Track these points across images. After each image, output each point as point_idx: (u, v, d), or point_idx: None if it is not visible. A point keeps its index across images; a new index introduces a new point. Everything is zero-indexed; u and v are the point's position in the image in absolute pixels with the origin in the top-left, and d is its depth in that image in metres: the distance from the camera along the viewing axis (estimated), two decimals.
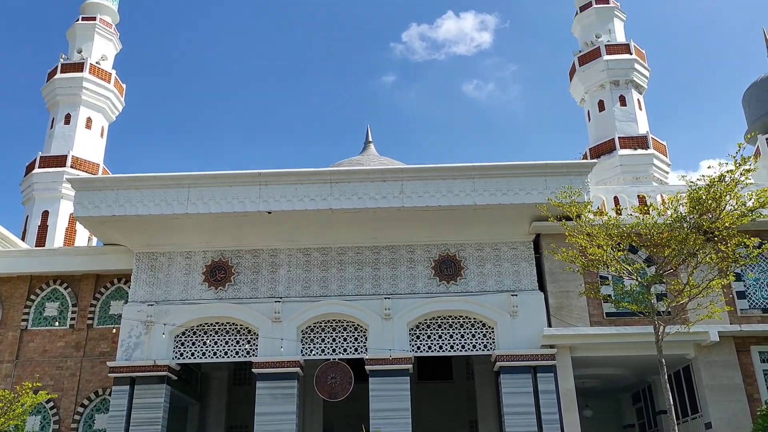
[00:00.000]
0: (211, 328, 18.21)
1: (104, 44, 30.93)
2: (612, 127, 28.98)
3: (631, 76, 29.75)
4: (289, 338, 17.49)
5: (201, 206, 17.51)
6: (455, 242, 18.52)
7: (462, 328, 17.98)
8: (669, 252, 13.90)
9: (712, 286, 13.71)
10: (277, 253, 18.69)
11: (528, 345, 17.29)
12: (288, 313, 17.86)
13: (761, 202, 13.43)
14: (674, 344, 16.04)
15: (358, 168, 19.97)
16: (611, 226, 14.36)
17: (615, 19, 31.85)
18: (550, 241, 17.62)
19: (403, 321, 17.69)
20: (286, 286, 18.33)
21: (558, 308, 17.65)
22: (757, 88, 29.39)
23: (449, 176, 17.52)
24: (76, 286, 19.58)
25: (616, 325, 17.24)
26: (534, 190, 17.37)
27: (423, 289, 18.17)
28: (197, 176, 17.73)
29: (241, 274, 18.51)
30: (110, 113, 30.15)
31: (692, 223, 13.79)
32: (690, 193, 13.84)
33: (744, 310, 17.55)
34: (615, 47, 30.31)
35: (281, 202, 17.49)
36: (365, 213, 17.60)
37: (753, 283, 17.92)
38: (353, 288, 18.26)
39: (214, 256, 18.69)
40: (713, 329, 16.49)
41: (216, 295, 18.30)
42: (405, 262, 18.46)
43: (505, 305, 17.71)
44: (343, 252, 18.64)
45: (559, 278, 17.77)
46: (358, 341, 17.96)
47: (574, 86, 31.40)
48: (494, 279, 18.19)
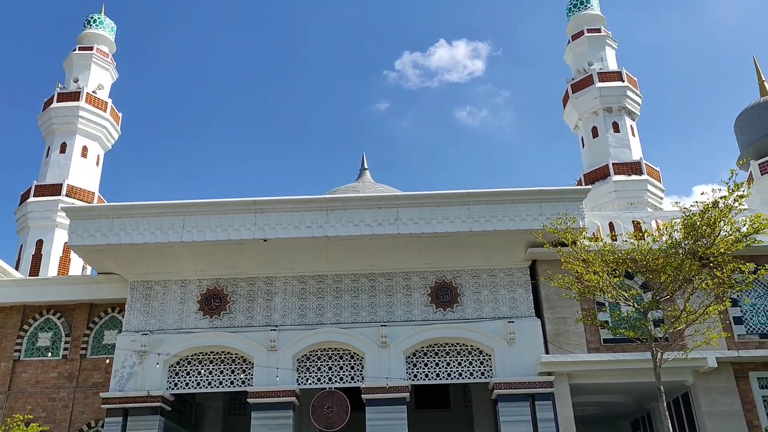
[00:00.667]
0: (206, 357, 18.04)
1: (101, 74, 31.14)
2: (606, 153, 29.19)
3: (623, 103, 30.06)
4: (284, 367, 17.32)
5: (196, 234, 17.48)
6: (451, 269, 18.49)
7: (459, 356, 17.86)
8: (665, 278, 13.91)
9: (708, 312, 13.71)
10: (273, 281, 18.61)
11: (526, 372, 17.16)
12: (284, 341, 17.72)
13: (755, 228, 13.50)
14: (673, 371, 15.95)
15: (353, 195, 20.01)
16: (607, 253, 14.38)
17: (606, 47, 32.28)
18: (546, 268, 17.61)
19: (400, 349, 17.56)
20: (281, 314, 18.22)
21: (555, 335, 17.57)
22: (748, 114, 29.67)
23: (445, 203, 17.56)
24: (70, 316, 19.42)
25: (613, 351, 17.16)
26: (529, 216, 17.41)
27: (419, 317, 18.08)
28: (192, 204, 17.72)
29: (236, 303, 18.40)
30: (106, 142, 30.24)
31: (687, 249, 13.83)
32: (684, 219, 13.90)
33: (741, 336, 17.50)
34: (607, 75, 30.66)
35: (277, 230, 17.47)
36: (361, 240, 17.59)
37: (750, 308, 17.91)
38: (349, 316, 18.16)
39: (209, 284, 18.60)
40: (711, 355, 16.43)
41: (211, 323, 18.17)
42: (401, 290, 18.40)
43: (502, 332, 17.62)
44: (339, 279, 18.58)
45: (556, 304, 17.72)
46: (354, 370, 17.80)
47: (568, 113, 31.69)
48: (491, 306, 18.12)
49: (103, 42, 32.04)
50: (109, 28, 32.62)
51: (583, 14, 33.20)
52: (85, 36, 31.95)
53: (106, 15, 33.01)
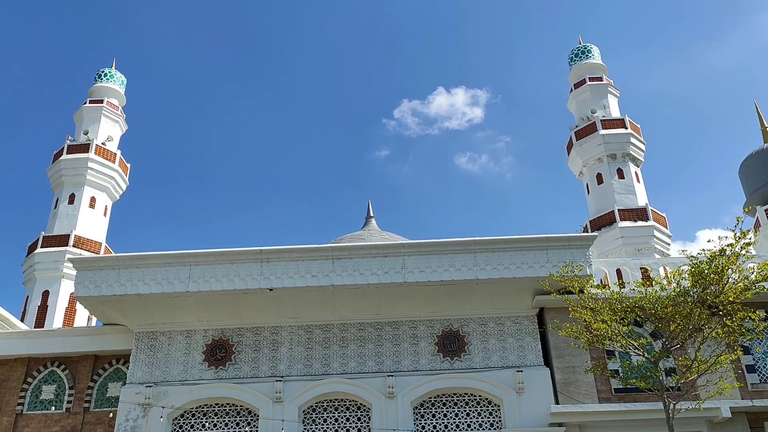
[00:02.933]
0: (211, 409, 17.78)
1: (110, 126, 31.67)
2: (611, 199, 29.24)
3: (627, 149, 30.27)
4: (290, 419, 17.05)
5: (202, 284, 17.47)
6: (458, 317, 18.35)
7: (467, 406, 17.56)
8: (675, 326, 13.76)
9: (720, 361, 13.50)
10: (279, 331, 18.49)
11: (535, 423, 16.81)
12: (289, 392, 17.49)
13: (764, 276, 13.41)
14: (686, 421, 15.62)
15: (359, 244, 20.02)
16: (615, 301, 14.27)
17: (609, 95, 32.70)
18: (554, 315, 17.45)
19: (407, 399, 17.29)
20: (287, 365, 18.03)
21: (565, 384, 17.28)
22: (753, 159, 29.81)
23: (450, 251, 17.55)
24: (74, 368, 19.25)
25: (625, 401, 16.83)
26: (536, 263, 17.35)
27: (427, 366, 17.85)
28: (198, 254, 17.77)
29: (241, 353, 18.24)
30: (114, 192, 30.54)
31: (696, 297, 13.71)
32: (692, 266, 13.82)
33: (755, 385, 17.16)
34: (610, 122, 30.97)
35: (283, 279, 17.46)
36: (367, 289, 17.53)
37: (762, 356, 17.62)
38: (356, 365, 17.95)
39: (214, 334, 18.48)
40: (725, 405, 16.10)
41: (216, 374, 17.98)
42: (408, 338, 18.23)
43: (510, 382, 17.35)
44: (346, 329, 18.44)
45: (565, 353, 17.49)
46: (361, 421, 17.50)
47: (572, 160, 31.90)
48: (499, 355, 17.90)
49: (113, 95, 32.70)
50: (119, 82, 33.33)
51: (585, 63, 33.76)
52: (96, 89, 32.63)
53: (117, 69, 33.78)
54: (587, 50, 34.44)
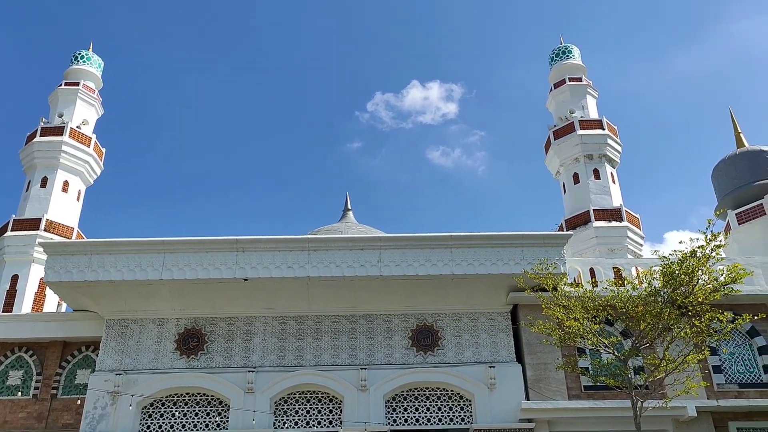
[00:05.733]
0: (181, 399, 17.64)
1: (86, 109, 31.13)
2: (587, 199, 29.53)
3: (604, 150, 30.57)
4: (261, 410, 16.99)
5: (176, 272, 17.31)
6: (433, 312, 18.42)
7: (439, 401, 17.66)
8: (644, 326, 13.98)
9: (688, 360, 13.74)
10: (252, 321, 18.39)
11: (506, 418, 16.98)
12: (261, 383, 17.42)
13: (733, 278, 13.67)
14: (653, 419, 15.87)
15: (336, 236, 19.98)
16: (587, 299, 14.44)
17: (588, 96, 32.97)
18: (527, 312, 17.61)
19: (380, 393, 17.33)
20: (260, 356, 17.96)
21: (536, 381, 17.46)
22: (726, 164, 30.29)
23: (427, 246, 17.60)
24: (42, 354, 18.96)
25: (594, 399, 17.06)
26: (511, 260, 17.48)
27: (400, 360, 17.91)
28: (173, 242, 17.58)
29: (214, 342, 18.12)
30: (88, 177, 30.05)
31: (666, 297, 13.94)
32: (663, 267, 14.04)
33: (721, 385, 17.51)
34: (588, 123, 31.23)
35: (258, 269, 17.36)
36: (343, 281, 17.52)
37: (728, 357, 17.97)
38: (329, 358, 17.94)
39: (187, 323, 18.33)
40: (691, 404, 16.40)
41: (188, 364, 17.84)
42: (382, 332, 18.26)
43: (482, 377, 17.48)
44: (320, 321, 18.42)
45: (537, 350, 17.66)
46: (333, 413, 17.50)
47: (550, 159, 32.13)
48: (472, 350, 18.02)
49: (89, 78, 32.12)
50: (96, 65, 32.74)
51: (565, 63, 34.00)
52: (72, 72, 32.01)
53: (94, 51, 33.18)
54: (568, 50, 34.68)
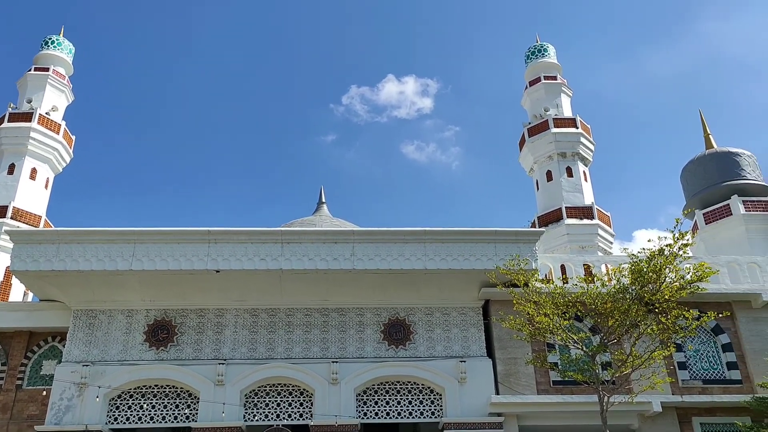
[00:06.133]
0: (150, 391, 17.46)
1: (56, 95, 30.49)
2: (559, 197, 29.85)
3: (577, 149, 30.91)
4: (231, 403, 16.88)
5: (147, 263, 17.09)
6: (405, 306, 18.48)
7: (410, 394, 17.73)
8: (613, 322, 14.19)
9: (654, 357, 14.00)
10: (224, 313, 18.26)
11: (475, 412, 17.12)
12: (232, 376, 17.31)
13: (699, 276, 13.95)
14: (619, 414, 16.14)
15: (309, 229, 19.91)
16: (557, 295, 14.61)
17: (562, 94, 33.28)
18: (498, 308, 17.75)
19: (351, 386, 17.34)
20: (231, 348, 17.84)
21: (506, 375, 17.63)
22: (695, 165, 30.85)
23: (400, 240, 17.63)
24: (8, 344, 18.59)
25: (562, 393, 17.28)
26: (484, 256, 17.59)
27: (372, 354, 17.94)
28: (144, 232, 17.35)
29: (184, 334, 17.95)
30: (57, 165, 29.47)
31: (634, 294, 14.17)
32: (632, 265, 14.27)
33: (685, 381, 17.87)
34: (562, 121, 31.54)
35: (230, 261, 17.22)
36: (316, 274, 17.46)
37: (693, 354, 18.35)
38: (301, 351, 17.90)
39: (157, 314, 18.12)
40: (656, 400, 16.72)
41: (157, 356, 17.64)
42: (354, 325, 18.27)
43: (453, 371, 17.59)
44: (292, 313, 18.35)
45: (508, 345, 17.82)
46: (303, 406, 17.48)
47: (524, 156, 32.39)
48: (443, 344, 18.12)
49: (60, 63, 31.46)
50: (67, 50, 32.08)
51: (540, 62, 34.27)
52: (42, 57, 31.32)
53: (65, 37, 32.49)
54: (544, 49, 34.96)
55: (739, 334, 18.38)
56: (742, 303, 18.60)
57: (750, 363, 17.96)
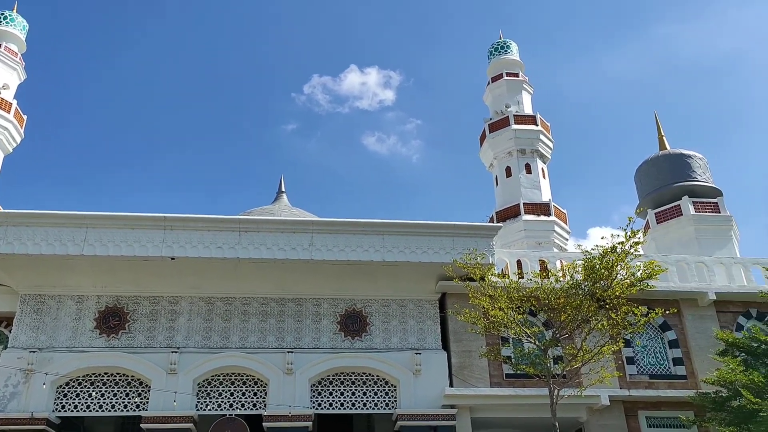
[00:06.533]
0: (99, 379, 17.10)
1: (7, 73, 29.44)
2: (518, 193, 30.26)
3: (536, 146, 31.37)
4: (184, 392, 16.67)
5: (99, 248, 16.70)
6: (362, 297, 18.50)
7: (365, 386, 17.79)
8: (565, 317, 14.49)
9: (603, 351, 14.36)
10: (178, 301, 17.99)
11: (429, 404, 17.28)
12: (185, 364, 17.08)
13: (648, 274, 14.34)
14: (568, 407, 16.51)
15: (267, 218, 19.75)
16: (512, 290, 14.83)
17: (523, 91, 33.70)
18: (455, 301, 17.93)
19: (305, 376, 17.31)
20: (185, 336, 17.60)
21: (460, 368, 17.84)
22: (648, 165, 31.62)
23: (359, 231, 17.62)
24: None
25: (515, 386, 17.58)
26: (441, 249, 17.71)
27: (327, 344, 17.93)
28: (97, 216, 16.94)
29: (137, 322, 17.63)
30: (7, 145, 28.50)
31: (587, 290, 14.50)
32: (585, 261, 14.59)
33: (633, 376, 18.38)
34: (523, 118, 31.94)
35: (186, 248, 16.96)
36: (273, 264, 17.34)
37: (641, 350, 18.87)
38: (256, 340, 17.77)
39: (108, 301, 17.75)
40: (604, 393, 17.15)
41: (107, 343, 17.30)
42: (311, 316, 18.22)
43: (408, 363, 17.71)
44: (248, 302, 18.20)
45: (463, 338, 18.03)
46: (257, 396, 17.37)
47: (484, 151, 32.71)
48: (399, 336, 18.22)
49: (12, 40, 30.37)
50: (20, 26, 30.96)
51: (503, 58, 34.61)
52: None
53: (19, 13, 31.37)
54: (506, 46, 35.30)
55: (685, 331, 18.97)
56: (689, 301, 19.20)
57: (695, 359, 18.56)
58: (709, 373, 16.97)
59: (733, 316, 19.35)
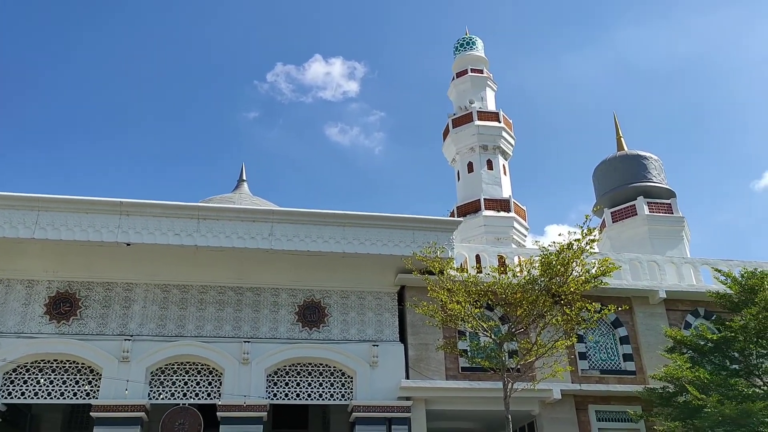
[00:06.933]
0: (48, 365, 16.68)
1: None
2: (479, 188, 30.58)
3: (498, 142, 31.73)
4: (136, 380, 16.38)
5: (51, 232, 16.24)
6: (321, 288, 18.46)
7: (321, 377, 17.78)
8: (521, 312, 14.73)
9: (557, 346, 14.65)
10: (133, 288, 17.65)
11: (385, 396, 17.36)
12: (138, 352, 16.78)
13: (603, 271, 14.67)
14: (521, 400, 16.78)
15: (227, 206, 19.48)
16: (470, 284, 14.99)
17: (487, 88, 34.02)
18: (413, 294, 18.02)
19: (262, 366, 17.20)
20: (138, 324, 17.29)
21: (417, 360, 17.96)
22: (605, 165, 32.31)
23: (320, 222, 17.55)
24: None
25: (470, 379, 17.79)
26: (402, 242, 17.77)
27: (285, 334, 17.84)
28: (49, 199, 16.46)
29: (89, 308, 17.24)
30: None
31: (543, 285, 14.75)
32: (542, 257, 14.84)
33: (584, 371, 18.79)
34: (486, 114, 32.27)
35: (142, 235, 16.62)
36: (232, 252, 17.14)
37: (593, 345, 19.30)
38: (212, 329, 17.57)
39: (59, 286, 17.31)
40: (556, 387, 17.49)
41: (58, 329, 16.87)
42: (269, 306, 18.10)
43: (365, 355, 17.76)
44: (205, 291, 17.97)
45: (420, 331, 18.15)
46: (212, 386, 17.19)
47: (447, 146, 32.94)
48: (357, 328, 18.24)
49: None
50: None
51: (469, 54, 34.87)
52: None
53: None
54: (472, 42, 35.56)
55: (636, 328, 19.47)
56: (641, 299, 19.70)
57: (644, 355, 19.07)
58: (658, 369, 17.45)
59: (682, 314, 19.95)
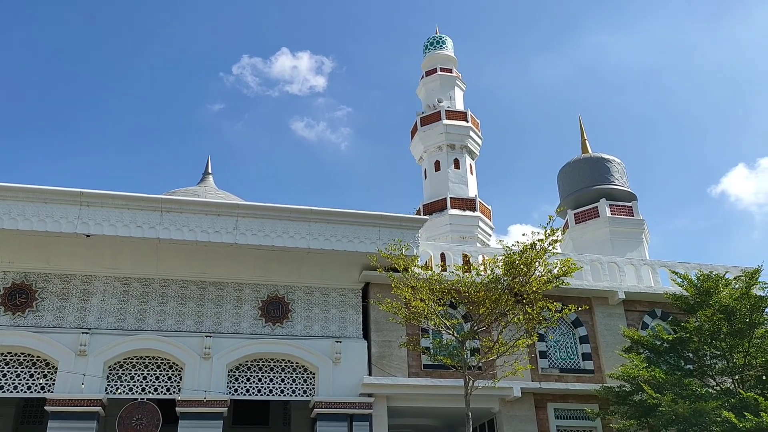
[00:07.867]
0: (2, 358, 16.25)
1: None
2: (445, 187, 30.76)
3: (465, 142, 31.95)
4: (93, 374, 16.06)
5: (7, 221, 15.81)
6: (285, 284, 18.35)
7: (283, 372, 17.68)
8: (484, 310, 14.86)
9: (518, 344, 14.83)
10: (92, 280, 17.29)
11: (347, 393, 17.36)
12: (96, 346, 16.46)
13: (564, 271, 14.90)
14: (482, 398, 16.96)
15: (191, 199, 19.21)
16: (434, 282, 15.07)
17: (456, 87, 34.22)
18: (377, 291, 18.06)
19: (223, 362, 17.03)
20: (97, 317, 16.95)
21: (380, 357, 18.00)
22: (570, 167, 32.83)
23: (285, 217, 17.43)
24: None
25: (432, 377, 17.90)
26: (367, 239, 17.78)
27: (247, 330, 17.69)
28: (5, 188, 16.00)
29: (46, 300, 16.83)
30: None
31: (505, 284, 14.91)
32: (505, 256, 15.01)
33: (544, 369, 19.07)
34: (454, 113, 32.46)
35: (103, 226, 16.29)
36: (195, 246, 16.93)
37: (553, 344, 19.60)
38: (173, 323, 17.32)
39: (15, 277, 16.86)
40: (517, 385, 17.72)
41: (12, 321, 16.44)
42: (232, 300, 17.92)
43: (328, 351, 17.72)
44: (167, 284, 17.71)
45: (384, 328, 18.19)
46: (171, 380, 16.95)
47: (415, 144, 33.04)
48: (320, 324, 18.19)
49: None
50: None
51: (438, 53, 35.02)
52: None
53: None
54: (442, 41, 35.72)
55: (596, 327, 19.83)
56: (600, 299, 20.07)
57: (602, 355, 19.43)
58: (615, 368, 17.81)
59: (640, 315, 20.39)
